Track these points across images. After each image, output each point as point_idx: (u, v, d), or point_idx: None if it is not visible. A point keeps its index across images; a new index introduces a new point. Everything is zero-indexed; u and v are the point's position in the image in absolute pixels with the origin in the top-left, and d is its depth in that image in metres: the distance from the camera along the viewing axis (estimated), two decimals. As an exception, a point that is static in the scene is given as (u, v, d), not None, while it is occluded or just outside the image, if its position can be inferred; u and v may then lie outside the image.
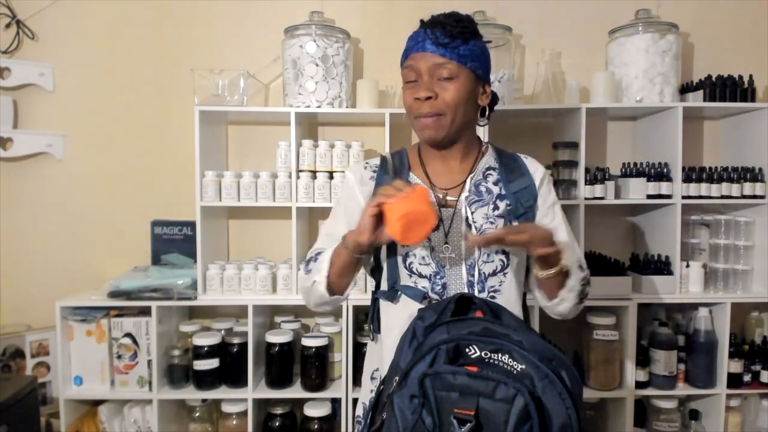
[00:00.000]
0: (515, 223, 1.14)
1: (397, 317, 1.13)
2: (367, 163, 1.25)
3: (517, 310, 1.12)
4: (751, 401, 2.13)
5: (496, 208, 1.14)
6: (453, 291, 1.11)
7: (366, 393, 1.23)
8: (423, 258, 1.12)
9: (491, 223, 1.13)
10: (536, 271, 1.08)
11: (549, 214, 1.18)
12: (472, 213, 1.13)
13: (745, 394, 2.11)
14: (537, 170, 1.20)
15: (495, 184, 1.17)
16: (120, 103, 2.25)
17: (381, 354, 1.18)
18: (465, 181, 1.16)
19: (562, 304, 1.12)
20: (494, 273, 1.11)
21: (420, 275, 1.12)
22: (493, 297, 1.11)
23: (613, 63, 2.13)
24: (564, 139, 2.07)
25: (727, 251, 2.09)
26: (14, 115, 2.20)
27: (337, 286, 1.13)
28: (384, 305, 1.17)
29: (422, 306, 1.10)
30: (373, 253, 1.19)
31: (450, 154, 1.18)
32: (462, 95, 1.10)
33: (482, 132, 1.87)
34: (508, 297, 1.12)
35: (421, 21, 1.14)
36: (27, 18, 2.20)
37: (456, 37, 1.08)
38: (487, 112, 1.19)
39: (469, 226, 1.12)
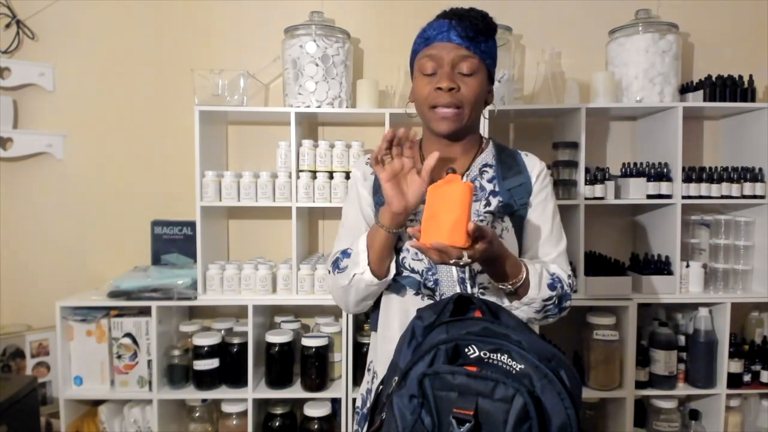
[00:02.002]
0: (507, 219, 1.14)
1: (394, 309, 1.15)
2: (369, 158, 1.25)
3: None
4: (751, 401, 2.13)
5: (487, 204, 1.14)
6: (445, 287, 1.12)
7: (363, 385, 1.27)
8: (416, 253, 1.13)
9: (481, 220, 1.13)
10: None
11: (538, 208, 1.18)
12: None
13: (745, 394, 2.11)
14: (534, 167, 1.19)
15: (489, 181, 1.17)
16: (120, 103, 2.25)
17: (376, 345, 1.21)
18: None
19: (517, 312, 1.10)
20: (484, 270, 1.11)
21: (413, 270, 1.13)
22: (482, 293, 1.12)
23: (613, 63, 2.13)
24: (564, 139, 2.07)
25: (727, 251, 2.09)
26: (14, 115, 2.20)
27: (380, 272, 1.11)
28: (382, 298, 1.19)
29: (417, 295, 1.12)
30: None
31: (450, 150, 1.18)
32: (480, 91, 1.11)
33: (481, 130, 1.87)
34: (498, 293, 1.12)
35: (444, 12, 1.13)
36: (27, 18, 2.20)
37: (481, 32, 1.09)
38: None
39: None
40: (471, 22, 1.08)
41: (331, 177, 2.01)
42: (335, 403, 2.02)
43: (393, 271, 1.12)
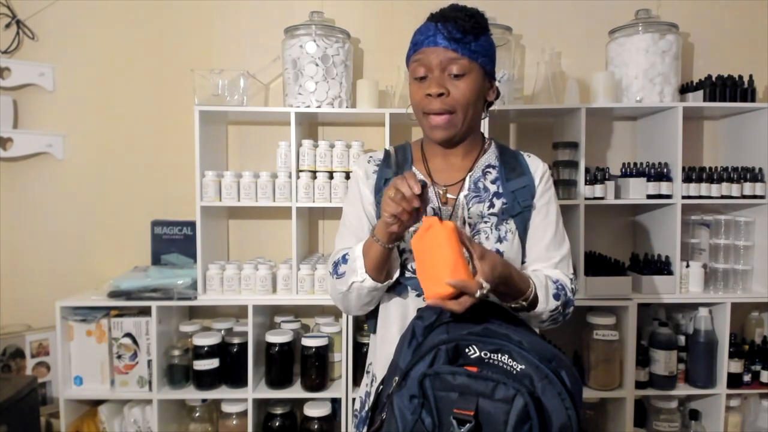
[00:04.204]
0: (511, 221, 1.13)
1: (392, 310, 1.15)
2: (370, 156, 1.24)
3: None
4: (751, 401, 2.13)
5: (491, 206, 1.14)
6: None
7: (362, 387, 1.25)
8: None
9: (485, 222, 1.13)
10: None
11: (542, 211, 1.17)
12: (469, 210, 1.13)
13: (745, 394, 2.11)
14: (537, 169, 1.19)
15: (493, 182, 1.16)
16: (120, 103, 2.25)
17: (375, 347, 1.20)
18: (464, 179, 1.16)
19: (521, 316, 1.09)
20: None
21: (415, 271, 1.12)
22: (486, 296, 1.11)
23: (613, 63, 2.13)
24: (564, 139, 2.07)
25: (727, 251, 2.09)
26: (14, 115, 2.20)
27: (378, 279, 1.09)
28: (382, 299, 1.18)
29: (419, 296, 1.11)
30: None
31: (452, 151, 1.18)
32: (473, 92, 1.09)
33: (482, 129, 1.87)
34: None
35: (431, 14, 1.12)
36: (27, 18, 2.20)
37: (468, 32, 1.07)
38: (489, 107, 1.19)
39: (464, 224, 1.12)
40: (456, 23, 1.06)
41: (331, 177, 2.01)
42: (335, 403, 2.02)
43: (396, 274, 1.11)
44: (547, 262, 1.15)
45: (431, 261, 0.92)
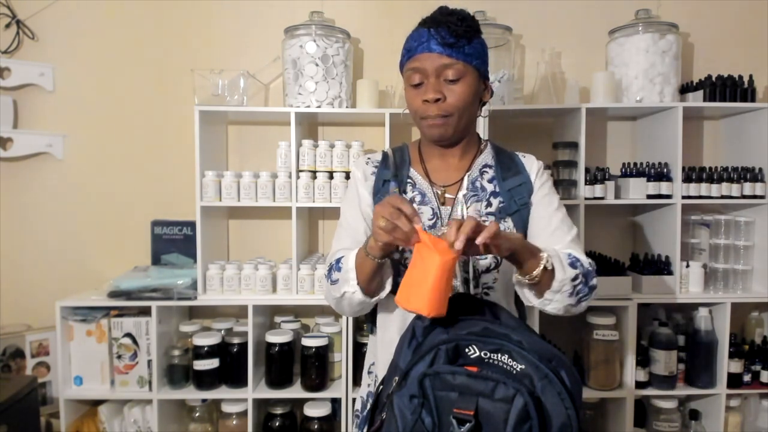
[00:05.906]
0: (509, 220, 1.13)
1: (392, 312, 1.15)
2: (368, 158, 1.25)
3: (510, 308, 1.12)
4: (751, 401, 2.13)
5: (489, 204, 1.14)
6: None
7: (363, 387, 1.25)
8: None
9: (483, 221, 1.13)
10: (517, 275, 1.03)
11: (543, 202, 1.16)
12: (468, 209, 1.14)
13: (745, 394, 2.11)
14: (532, 166, 1.19)
15: (489, 181, 1.17)
16: (120, 103, 2.25)
17: (375, 348, 1.20)
18: (462, 179, 1.16)
19: (551, 305, 1.04)
20: (488, 270, 1.11)
21: None
22: (486, 294, 1.12)
23: (613, 63, 2.13)
24: (564, 139, 2.07)
25: (727, 251, 2.09)
26: (14, 115, 2.20)
27: (370, 290, 1.07)
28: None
29: None
30: None
31: (450, 152, 1.18)
32: (469, 95, 1.10)
33: (481, 130, 1.87)
34: (501, 294, 1.12)
35: (423, 20, 1.13)
36: (27, 18, 2.20)
37: (461, 36, 1.07)
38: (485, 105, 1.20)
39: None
40: (449, 28, 1.07)
41: (331, 177, 2.01)
42: (335, 403, 2.02)
43: (388, 288, 1.09)
44: (556, 246, 1.11)
45: (419, 275, 0.91)
